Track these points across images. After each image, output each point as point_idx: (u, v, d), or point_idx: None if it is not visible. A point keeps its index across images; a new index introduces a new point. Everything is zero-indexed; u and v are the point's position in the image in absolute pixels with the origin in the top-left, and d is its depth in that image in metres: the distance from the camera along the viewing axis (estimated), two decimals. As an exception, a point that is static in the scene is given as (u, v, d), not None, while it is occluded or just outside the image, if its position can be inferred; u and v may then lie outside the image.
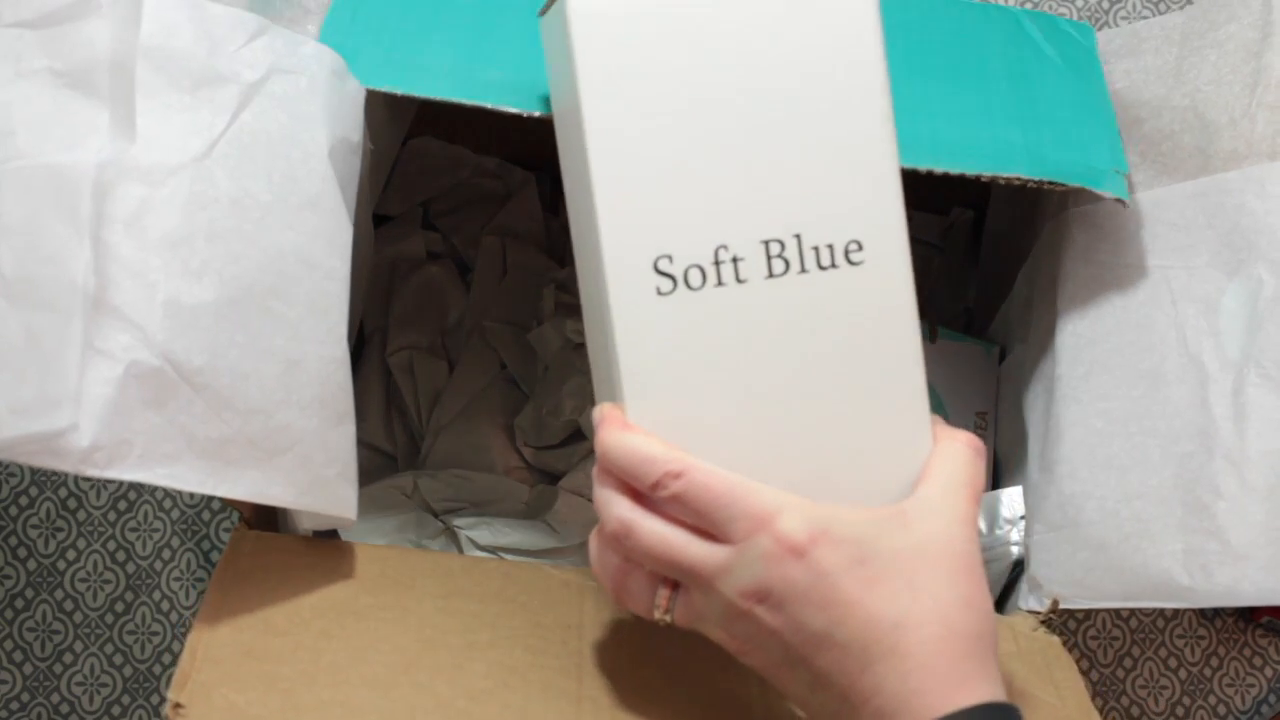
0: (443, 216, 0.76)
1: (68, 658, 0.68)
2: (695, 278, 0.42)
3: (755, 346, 0.42)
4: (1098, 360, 0.56)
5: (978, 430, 0.68)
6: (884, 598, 0.39)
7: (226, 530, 0.70)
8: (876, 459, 0.43)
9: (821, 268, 0.42)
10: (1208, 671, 0.75)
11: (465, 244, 0.76)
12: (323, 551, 0.50)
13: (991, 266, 0.74)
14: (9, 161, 0.42)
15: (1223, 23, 0.52)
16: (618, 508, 0.42)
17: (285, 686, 0.43)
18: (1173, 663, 0.75)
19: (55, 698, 0.68)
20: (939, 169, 0.52)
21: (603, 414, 0.43)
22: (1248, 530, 0.51)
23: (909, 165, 0.51)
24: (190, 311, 0.43)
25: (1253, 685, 0.75)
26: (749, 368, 0.42)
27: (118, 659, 0.68)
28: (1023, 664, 0.54)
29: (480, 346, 0.73)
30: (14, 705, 0.68)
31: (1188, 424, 0.53)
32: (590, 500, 0.69)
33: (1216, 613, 0.75)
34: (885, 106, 0.43)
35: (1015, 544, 0.60)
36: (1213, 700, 0.75)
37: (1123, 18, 0.84)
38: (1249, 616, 0.75)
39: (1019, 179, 0.52)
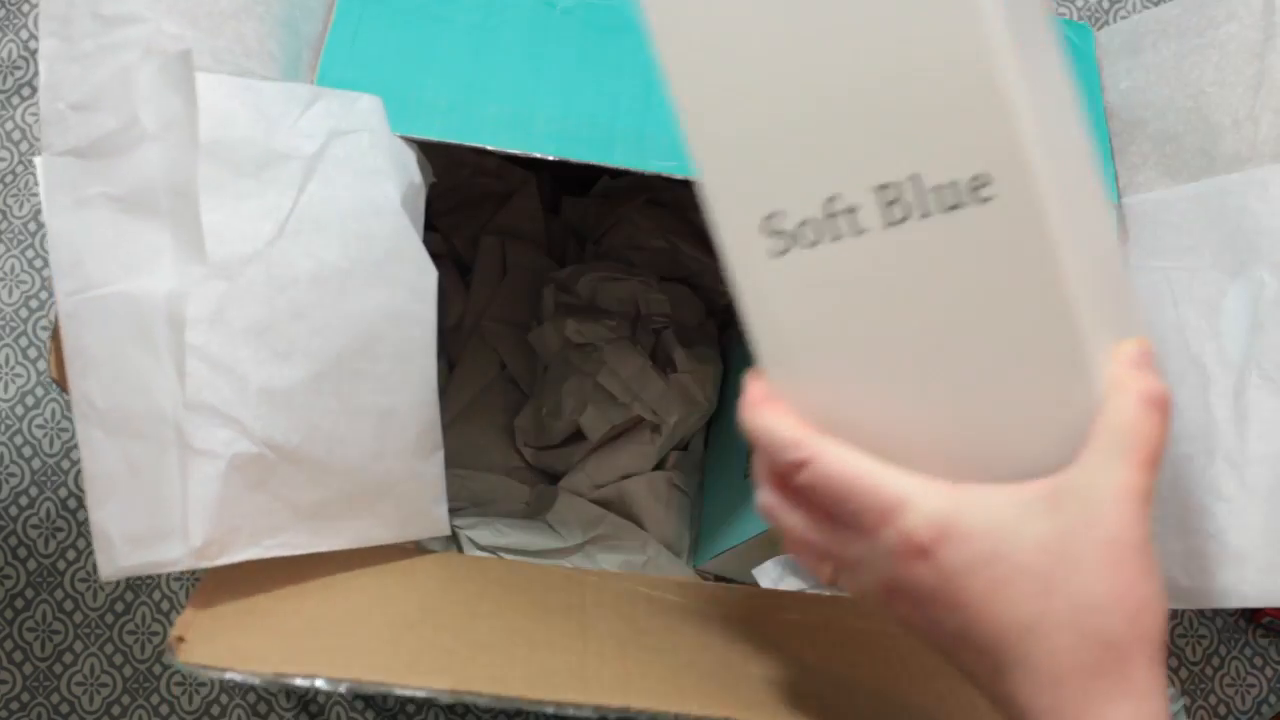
0: (442, 216, 0.76)
1: (68, 658, 0.68)
2: (809, 234, 0.38)
3: (884, 302, 0.38)
4: (1099, 361, 0.56)
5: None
6: (1014, 600, 0.36)
7: (226, 530, 0.70)
8: (1031, 421, 0.38)
9: (946, 209, 0.37)
10: (1209, 671, 0.75)
11: (465, 244, 0.76)
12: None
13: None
14: (83, 292, 0.42)
15: (1222, 21, 0.52)
16: (761, 494, 0.41)
17: (289, 636, 0.43)
18: (1173, 662, 0.75)
19: (55, 698, 0.68)
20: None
21: (745, 386, 0.41)
22: (1248, 532, 0.51)
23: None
24: (283, 394, 0.44)
25: (1253, 685, 0.75)
26: (879, 326, 0.38)
27: (118, 659, 0.68)
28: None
29: (480, 346, 0.73)
30: (14, 705, 0.68)
31: (1188, 425, 0.53)
32: (590, 500, 0.69)
33: (1216, 612, 0.75)
34: (997, 16, 0.35)
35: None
36: (1213, 700, 0.75)
37: (1122, 17, 0.84)
38: (1250, 617, 0.75)
39: None
